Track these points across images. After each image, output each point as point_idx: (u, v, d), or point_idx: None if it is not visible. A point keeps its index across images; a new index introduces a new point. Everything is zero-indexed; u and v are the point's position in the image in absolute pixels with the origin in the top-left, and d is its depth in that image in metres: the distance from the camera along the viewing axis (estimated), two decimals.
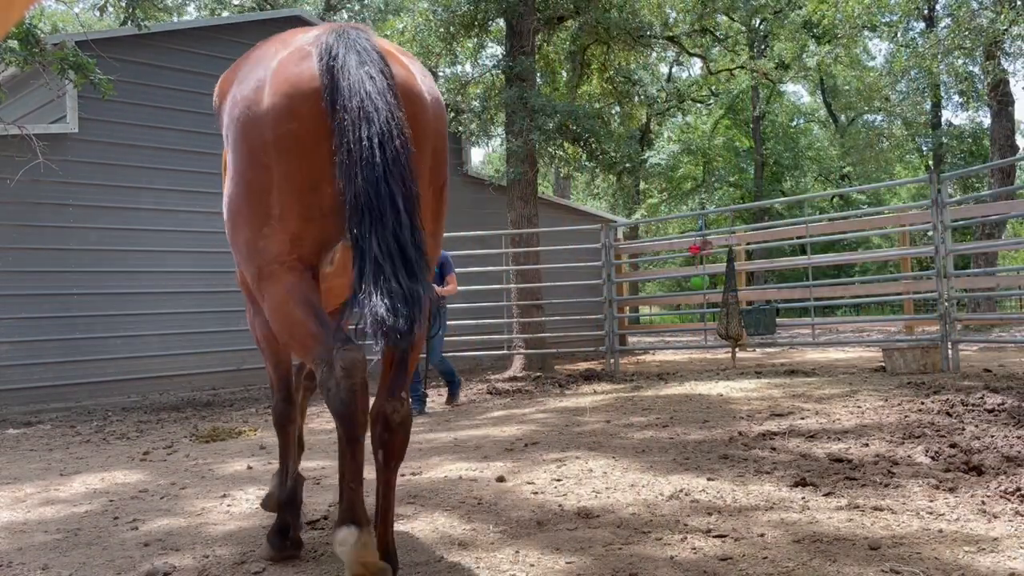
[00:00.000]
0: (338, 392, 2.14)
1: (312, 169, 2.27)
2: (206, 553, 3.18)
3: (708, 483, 3.81)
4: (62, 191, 9.13)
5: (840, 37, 13.83)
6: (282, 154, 2.28)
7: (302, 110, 2.26)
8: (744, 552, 2.79)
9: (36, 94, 9.85)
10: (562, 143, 11.48)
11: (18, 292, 8.83)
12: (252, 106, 2.35)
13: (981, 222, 14.64)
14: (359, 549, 2.15)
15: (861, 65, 25.99)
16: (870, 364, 9.14)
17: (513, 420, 6.58)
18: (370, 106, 2.17)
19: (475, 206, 13.29)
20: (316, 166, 2.26)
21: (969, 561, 2.58)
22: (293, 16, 11.92)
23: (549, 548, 2.97)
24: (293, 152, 2.27)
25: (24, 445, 6.63)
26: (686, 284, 26.19)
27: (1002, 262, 25.03)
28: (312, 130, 2.25)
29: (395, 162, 2.14)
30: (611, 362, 10.44)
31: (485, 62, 12.84)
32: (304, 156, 2.27)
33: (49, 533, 3.66)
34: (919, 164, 30.69)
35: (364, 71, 2.22)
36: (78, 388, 9.16)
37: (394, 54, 2.47)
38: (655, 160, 27.99)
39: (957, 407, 5.38)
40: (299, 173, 2.28)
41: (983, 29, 12.57)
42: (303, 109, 2.26)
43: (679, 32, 16.99)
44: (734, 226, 18.28)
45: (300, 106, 2.26)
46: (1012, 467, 3.69)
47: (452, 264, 8.05)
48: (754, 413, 5.93)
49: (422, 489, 4.09)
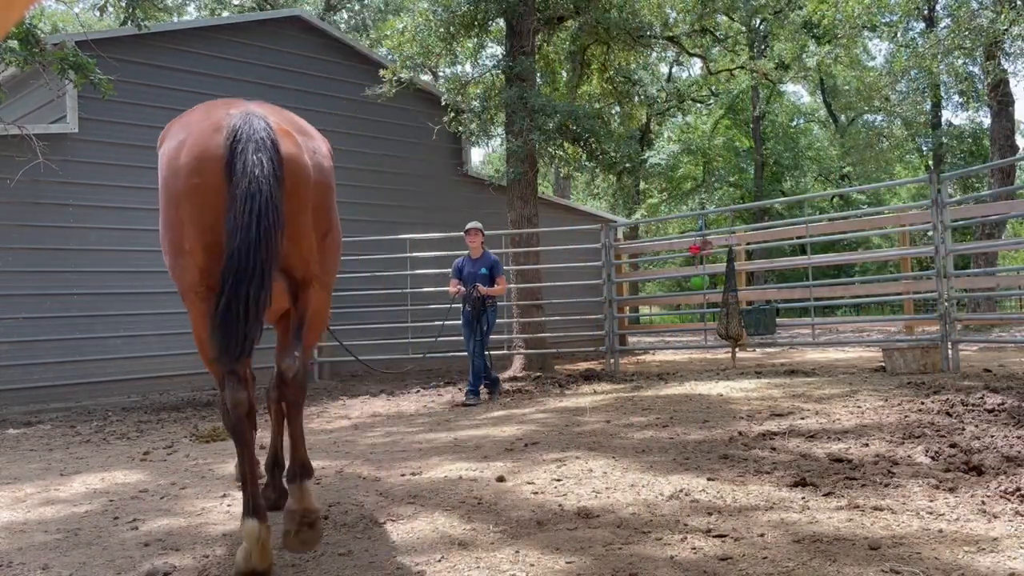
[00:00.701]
0: (229, 418, 3.00)
1: (210, 214, 2.91)
2: (206, 553, 3.19)
3: (708, 483, 3.81)
4: (62, 191, 9.13)
5: (840, 37, 13.83)
6: (190, 199, 2.95)
7: (207, 169, 2.92)
8: (744, 552, 2.79)
9: (36, 94, 9.85)
10: (562, 143, 11.47)
11: (18, 292, 8.83)
12: (173, 160, 3.04)
13: (981, 222, 14.64)
14: (256, 540, 2.83)
15: (861, 65, 25.97)
16: (870, 364, 9.14)
17: (513, 420, 6.58)
18: (255, 187, 2.82)
19: (475, 206, 13.28)
20: (214, 213, 2.90)
21: (969, 561, 2.58)
22: (293, 16, 11.93)
23: (549, 548, 2.97)
24: (196, 199, 2.94)
25: (24, 445, 6.62)
26: (686, 284, 26.19)
27: (1002, 262, 25.04)
28: (212, 185, 2.91)
29: (265, 235, 2.81)
30: (611, 362, 10.44)
31: (485, 62, 12.84)
32: (205, 204, 2.93)
33: (49, 533, 3.66)
34: (919, 164, 30.68)
35: (256, 157, 2.88)
36: (78, 388, 9.16)
37: (290, 134, 3.14)
38: (655, 160, 27.99)
39: (957, 407, 5.38)
40: (200, 216, 2.94)
41: (983, 29, 12.57)
42: (207, 168, 2.92)
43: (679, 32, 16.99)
44: (734, 226, 18.28)
45: (205, 166, 2.93)
46: (1012, 467, 3.69)
47: (501, 266, 8.42)
48: (754, 413, 5.93)
49: (422, 489, 4.09)
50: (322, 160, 3.35)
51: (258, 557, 2.81)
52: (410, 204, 12.51)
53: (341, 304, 11.32)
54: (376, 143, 12.36)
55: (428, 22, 11.02)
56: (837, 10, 13.24)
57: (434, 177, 13.08)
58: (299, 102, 11.48)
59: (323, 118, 11.67)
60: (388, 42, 15.38)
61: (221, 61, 10.81)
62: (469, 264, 8.38)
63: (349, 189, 10.20)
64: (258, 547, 2.81)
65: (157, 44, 10.13)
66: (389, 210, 12.32)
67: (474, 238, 8.36)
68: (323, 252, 3.40)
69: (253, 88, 11.04)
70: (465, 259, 8.48)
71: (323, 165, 3.34)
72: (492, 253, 8.56)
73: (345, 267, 11.04)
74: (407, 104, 12.38)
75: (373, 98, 11.29)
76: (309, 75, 11.70)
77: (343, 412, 8.07)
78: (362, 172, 11.84)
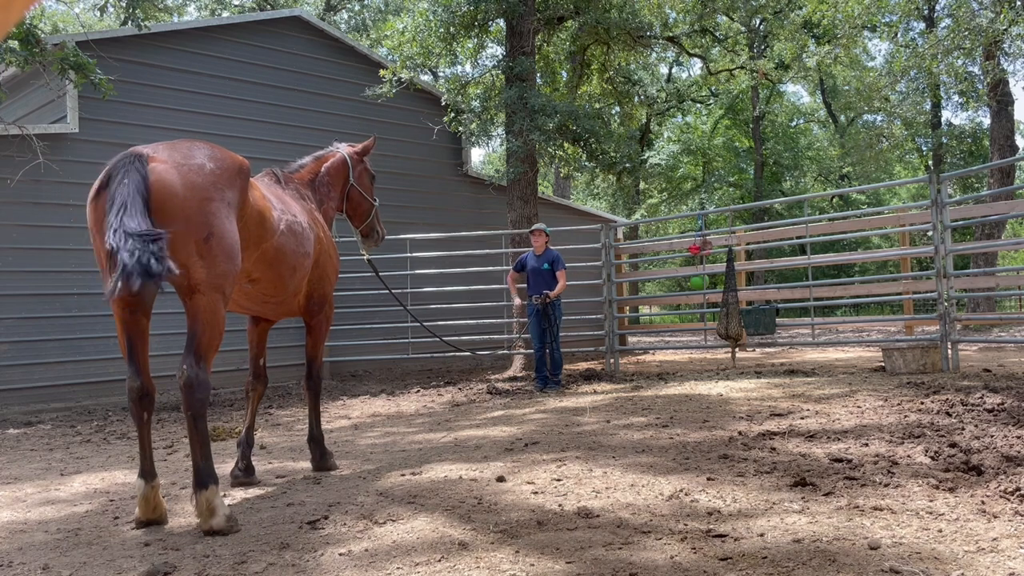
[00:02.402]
0: (129, 401, 3.71)
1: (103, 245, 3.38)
2: (206, 553, 3.19)
3: (708, 483, 3.81)
4: (62, 191, 9.13)
5: (840, 37, 13.82)
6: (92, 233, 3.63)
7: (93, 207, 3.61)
8: (744, 552, 2.79)
9: (36, 94, 9.85)
10: (562, 143, 11.48)
11: (18, 292, 8.83)
12: None
13: (981, 222, 14.64)
14: (144, 497, 3.63)
15: (861, 65, 25.99)
16: (870, 364, 9.14)
17: (513, 420, 6.58)
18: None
19: (475, 206, 13.29)
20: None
21: (969, 561, 2.58)
22: (293, 16, 11.92)
23: (549, 548, 2.97)
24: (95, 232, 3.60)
25: (24, 445, 6.63)
26: (686, 284, 26.20)
27: (1002, 262, 25.05)
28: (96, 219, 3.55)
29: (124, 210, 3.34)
30: (611, 362, 10.44)
31: (485, 62, 12.85)
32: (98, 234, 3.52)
33: (49, 533, 3.66)
34: (919, 164, 30.70)
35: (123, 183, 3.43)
36: (78, 388, 9.16)
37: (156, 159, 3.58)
38: (655, 160, 28.00)
39: (957, 407, 5.38)
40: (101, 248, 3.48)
41: (983, 29, 12.57)
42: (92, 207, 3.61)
43: (679, 32, 17.00)
44: (734, 226, 18.28)
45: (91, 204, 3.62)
46: (1012, 467, 3.69)
47: (563, 261, 8.96)
48: (754, 413, 5.93)
49: (422, 489, 4.09)
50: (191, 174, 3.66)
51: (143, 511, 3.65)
52: (410, 204, 12.51)
53: (342, 304, 11.33)
54: (376, 143, 12.34)
55: (428, 22, 11.03)
56: (837, 10, 13.24)
57: (434, 177, 13.08)
58: (299, 102, 11.50)
59: (323, 118, 11.70)
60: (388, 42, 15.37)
61: (221, 61, 10.81)
62: (533, 259, 9.00)
63: None
64: (143, 502, 3.64)
65: (157, 44, 10.13)
66: (389, 210, 12.29)
67: (538, 238, 9.00)
68: (203, 255, 3.63)
69: (253, 88, 11.05)
70: (530, 254, 9.11)
71: (191, 178, 3.64)
72: (554, 249, 9.11)
73: (345, 267, 11.07)
74: (407, 104, 12.38)
75: (373, 98, 11.29)
76: (309, 75, 11.70)
77: (343, 412, 8.07)
78: None
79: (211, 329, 3.62)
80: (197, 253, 3.54)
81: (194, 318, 3.59)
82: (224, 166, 3.79)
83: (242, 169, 3.90)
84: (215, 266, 3.61)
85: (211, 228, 3.60)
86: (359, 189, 5.37)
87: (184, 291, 3.59)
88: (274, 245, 4.18)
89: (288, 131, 11.12)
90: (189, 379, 3.51)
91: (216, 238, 3.61)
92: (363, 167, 5.46)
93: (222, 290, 3.67)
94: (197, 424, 3.53)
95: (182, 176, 3.59)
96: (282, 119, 11.22)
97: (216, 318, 3.65)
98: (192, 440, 3.55)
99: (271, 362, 10.08)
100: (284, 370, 10.37)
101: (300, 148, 6.63)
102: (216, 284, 3.62)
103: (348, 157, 5.32)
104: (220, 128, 10.36)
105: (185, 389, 3.52)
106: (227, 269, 3.68)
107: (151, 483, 3.63)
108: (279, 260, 4.24)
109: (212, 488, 3.48)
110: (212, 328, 3.62)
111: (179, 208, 3.51)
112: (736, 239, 11.98)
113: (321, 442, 4.88)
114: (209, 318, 3.60)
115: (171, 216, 3.47)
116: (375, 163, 12.29)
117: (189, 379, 3.51)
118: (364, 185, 5.45)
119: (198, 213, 3.58)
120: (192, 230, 3.53)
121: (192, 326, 3.60)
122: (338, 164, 5.24)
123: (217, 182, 3.70)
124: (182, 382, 3.52)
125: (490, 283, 11.28)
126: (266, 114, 11.07)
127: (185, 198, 3.55)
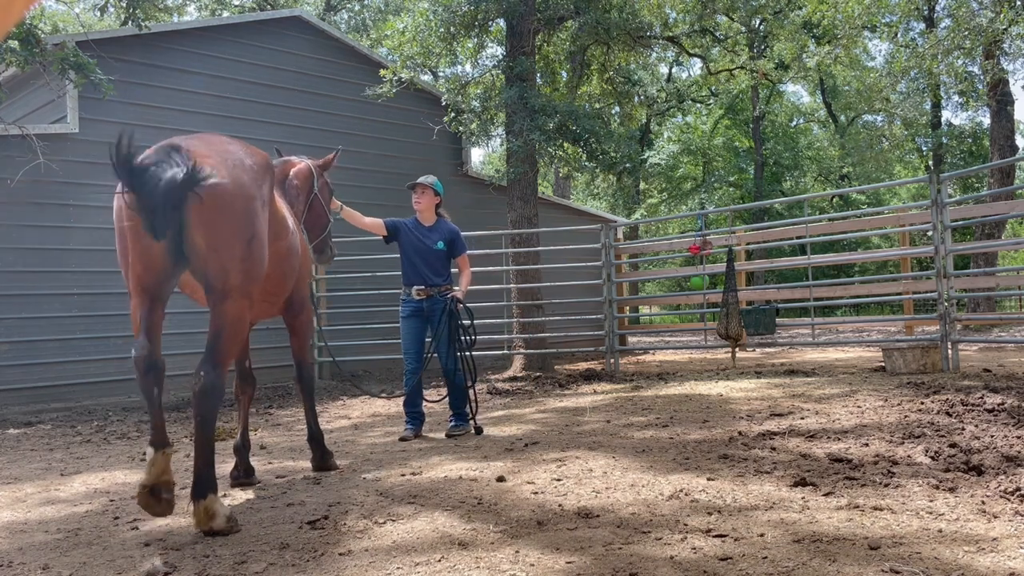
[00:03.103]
0: (135, 370, 3.51)
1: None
2: (206, 553, 3.19)
3: (708, 483, 3.81)
4: (62, 191, 9.13)
5: (840, 37, 13.81)
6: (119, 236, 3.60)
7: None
8: (744, 552, 2.79)
9: (36, 94, 9.84)
10: (562, 143, 11.47)
11: (18, 292, 8.83)
12: None
13: (981, 222, 14.64)
14: (152, 462, 3.45)
15: (861, 65, 25.99)
16: (870, 364, 9.14)
17: (513, 420, 6.59)
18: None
19: (475, 206, 13.28)
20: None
21: (969, 561, 2.58)
22: (293, 16, 11.92)
23: (549, 548, 2.97)
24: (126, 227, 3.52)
25: (24, 445, 6.63)
26: (686, 284, 26.19)
27: (1002, 262, 25.04)
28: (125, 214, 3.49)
29: None
30: (611, 362, 10.44)
31: (485, 62, 12.83)
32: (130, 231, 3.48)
33: (49, 533, 3.66)
34: (919, 164, 30.70)
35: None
36: (78, 388, 9.16)
37: (198, 153, 3.47)
38: (655, 160, 28.01)
39: (957, 407, 5.38)
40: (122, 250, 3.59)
41: (983, 29, 12.57)
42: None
43: (679, 32, 16.98)
44: (734, 226, 18.28)
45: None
46: (1012, 467, 3.69)
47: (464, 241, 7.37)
48: (754, 413, 5.93)
49: (422, 489, 4.09)
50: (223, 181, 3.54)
51: (149, 474, 3.44)
52: (410, 204, 12.49)
53: (341, 304, 11.33)
54: (376, 143, 12.35)
55: (428, 22, 11.02)
56: (837, 10, 13.23)
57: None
58: (299, 102, 11.50)
59: (323, 118, 11.70)
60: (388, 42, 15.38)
61: (221, 61, 10.81)
62: (416, 229, 7.49)
63: (349, 189, 10.19)
64: (150, 466, 3.45)
65: (157, 44, 10.12)
66: (389, 210, 12.29)
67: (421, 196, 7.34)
68: (244, 258, 3.54)
69: (253, 88, 11.04)
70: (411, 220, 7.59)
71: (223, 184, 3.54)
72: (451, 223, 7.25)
73: (345, 267, 11.07)
74: (407, 104, 12.38)
75: (373, 98, 11.28)
76: (309, 75, 11.70)
77: (343, 412, 8.08)
78: (362, 172, 11.83)
79: (235, 336, 3.51)
80: (240, 256, 3.39)
81: (220, 323, 3.42)
82: (258, 162, 3.65)
83: (269, 164, 3.79)
84: (251, 270, 3.48)
85: (254, 229, 3.46)
86: (321, 200, 5.13)
87: (216, 294, 3.41)
88: (285, 244, 4.10)
89: (288, 131, 11.11)
90: (205, 386, 3.36)
91: (257, 240, 3.48)
92: (324, 181, 5.22)
93: (250, 296, 3.55)
94: (205, 430, 3.40)
95: (231, 174, 3.41)
96: (282, 119, 11.22)
97: (242, 325, 3.53)
98: (197, 445, 3.42)
99: (271, 362, 10.12)
100: (284, 370, 10.36)
101: (300, 148, 6.63)
102: (247, 290, 3.49)
103: (312, 167, 5.09)
104: (220, 128, 10.33)
105: (199, 395, 3.37)
106: (258, 273, 3.55)
107: (162, 450, 3.45)
108: (285, 259, 4.16)
109: (211, 497, 3.40)
110: (236, 335, 3.51)
111: (228, 207, 3.34)
112: (736, 239, 11.98)
113: (321, 440, 4.84)
114: (235, 325, 3.46)
115: (222, 216, 3.29)
116: (375, 162, 12.36)
117: (205, 386, 3.36)
118: (325, 198, 5.21)
119: (245, 214, 3.41)
120: (239, 231, 3.38)
121: (216, 331, 3.42)
122: (305, 171, 5.02)
123: (256, 179, 3.56)
124: (198, 388, 3.37)
125: (490, 283, 11.27)
126: (266, 114, 11.07)
127: (235, 196, 3.37)
